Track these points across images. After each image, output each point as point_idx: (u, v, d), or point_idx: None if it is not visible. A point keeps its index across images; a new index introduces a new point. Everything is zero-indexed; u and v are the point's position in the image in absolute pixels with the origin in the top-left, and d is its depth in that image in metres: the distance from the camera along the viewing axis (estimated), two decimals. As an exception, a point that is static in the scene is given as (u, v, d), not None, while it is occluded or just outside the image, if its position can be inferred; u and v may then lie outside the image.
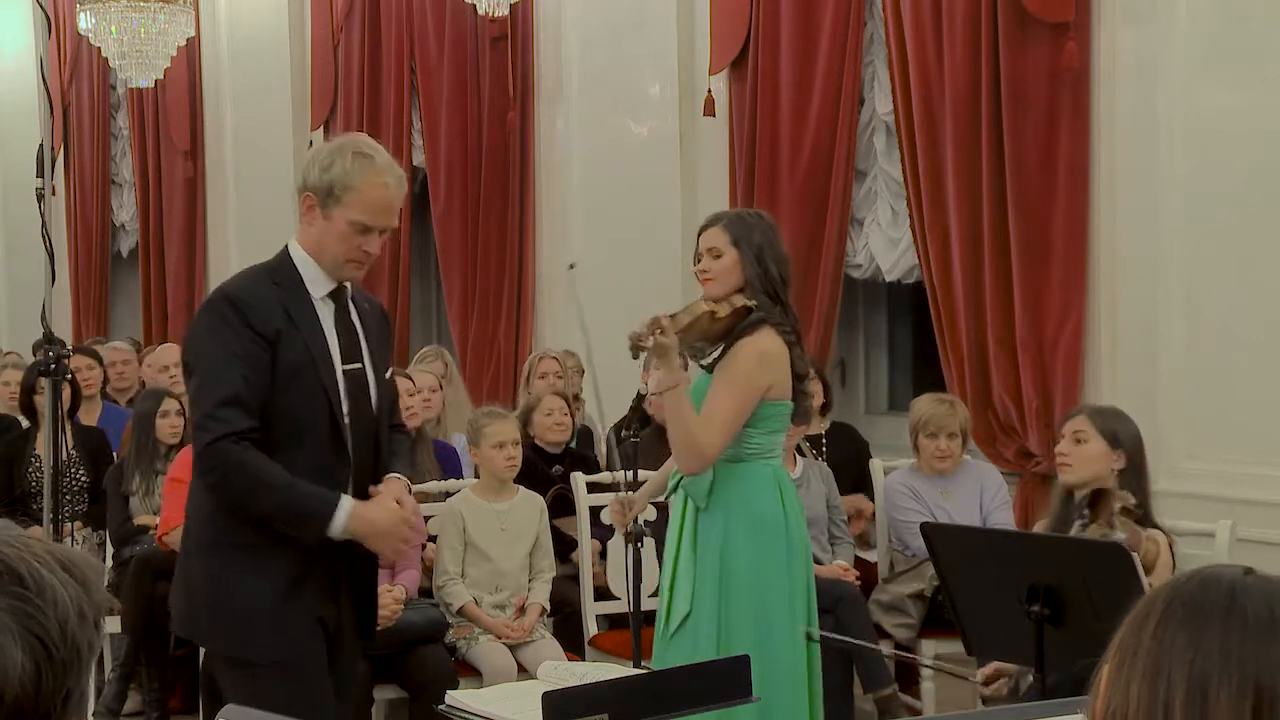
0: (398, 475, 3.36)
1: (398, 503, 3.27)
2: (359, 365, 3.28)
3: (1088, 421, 3.95)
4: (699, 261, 3.90)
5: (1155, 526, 3.92)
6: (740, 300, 3.81)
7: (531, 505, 5.02)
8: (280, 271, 3.26)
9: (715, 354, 3.83)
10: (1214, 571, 1.37)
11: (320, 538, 3.16)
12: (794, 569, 3.80)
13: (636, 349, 3.68)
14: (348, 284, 3.33)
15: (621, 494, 4.00)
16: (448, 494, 5.17)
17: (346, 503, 3.16)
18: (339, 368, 3.23)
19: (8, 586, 1.22)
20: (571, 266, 4.00)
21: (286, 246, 3.30)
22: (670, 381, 3.72)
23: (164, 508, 5.33)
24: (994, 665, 3.94)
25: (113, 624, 5.48)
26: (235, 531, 3.19)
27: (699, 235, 3.94)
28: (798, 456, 5.32)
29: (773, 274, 3.82)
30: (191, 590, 3.28)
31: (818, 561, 4.95)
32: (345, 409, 3.22)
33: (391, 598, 4.53)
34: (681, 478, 3.89)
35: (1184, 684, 1.30)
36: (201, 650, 5.26)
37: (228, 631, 3.22)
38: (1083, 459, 3.90)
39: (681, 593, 3.84)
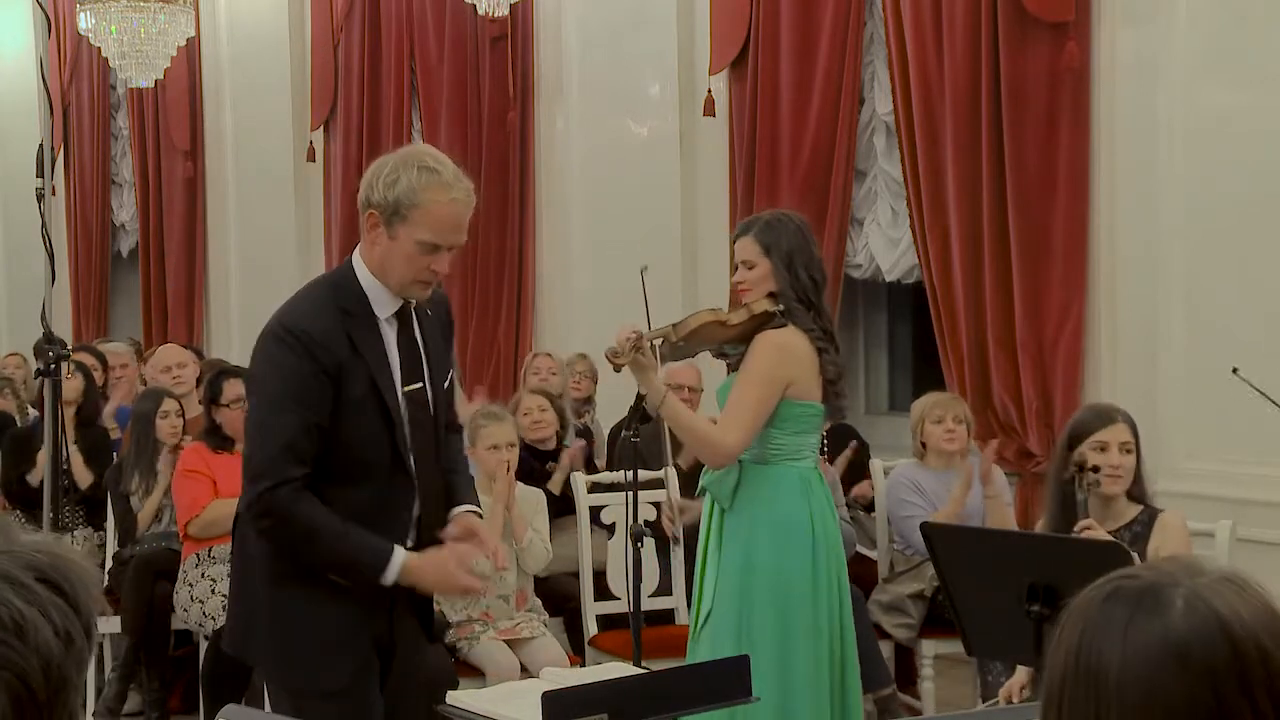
0: (471, 509, 3.25)
1: (470, 535, 3.17)
2: (420, 385, 3.16)
3: (1130, 432, 3.90)
4: (736, 271, 3.92)
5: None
6: (761, 305, 3.82)
7: (531, 501, 5.02)
8: (345, 294, 3.09)
9: (739, 354, 3.87)
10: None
11: (372, 587, 3.07)
12: (819, 573, 3.81)
13: (615, 365, 3.73)
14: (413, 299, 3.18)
15: (678, 502, 4.04)
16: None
17: (399, 557, 3.04)
18: (400, 391, 3.11)
19: None
20: (645, 270, 4.02)
21: (350, 262, 3.13)
22: (655, 399, 3.78)
23: (179, 499, 5.33)
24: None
25: (112, 624, 5.49)
26: (289, 560, 3.11)
27: (733, 244, 3.96)
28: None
29: (803, 279, 3.83)
30: (252, 616, 3.18)
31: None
32: (407, 434, 3.11)
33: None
34: (708, 478, 3.91)
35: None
36: (201, 650, 5.27)
37: (290, 662, 3.14)
38: (1129, 469, 3.87)
39: (706, 592, 3.88)
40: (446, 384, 3.27)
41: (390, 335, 3.11)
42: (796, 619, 3.77)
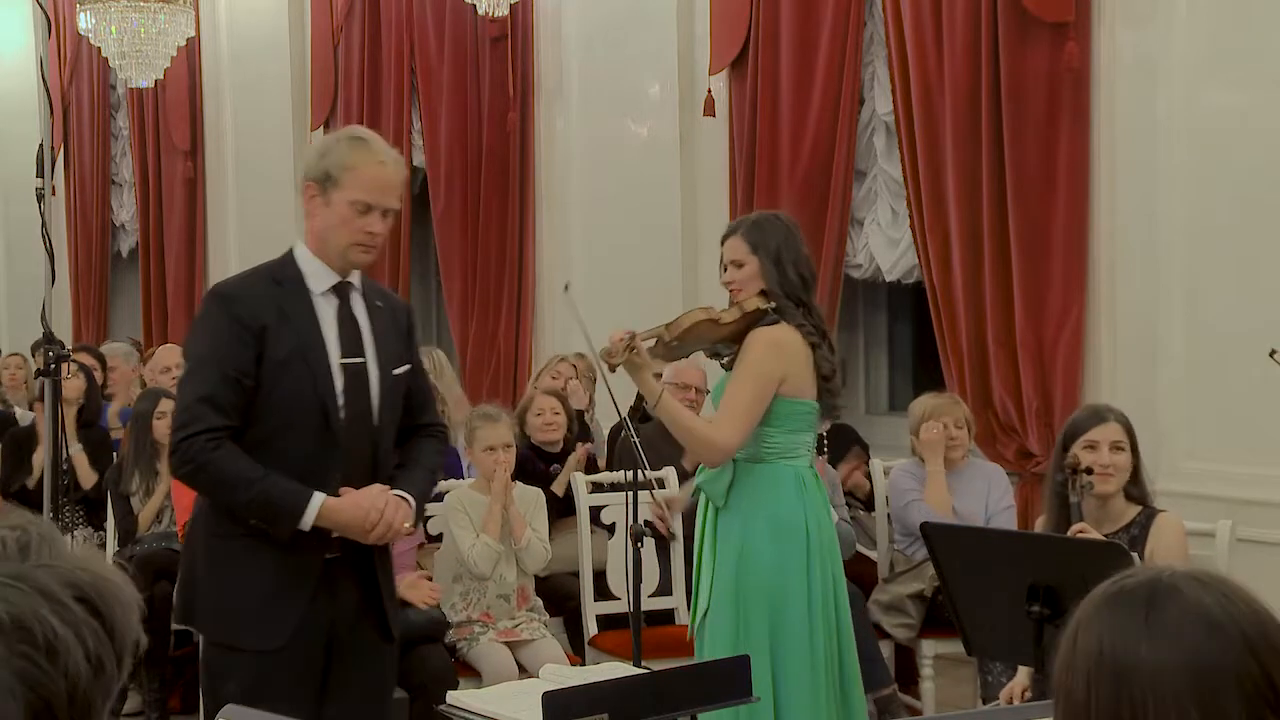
0: (404, 495, 3.33)
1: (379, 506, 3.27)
2: (360, 360, 3.29)
3: (1123, 431, 3.91)
4: (725, 271, 3.93)
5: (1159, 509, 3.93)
6: (753, 304, 3.82)
7: (529, 500, 5.01)
8: (281, 268, 3.32)
9: (733, 353, 3.87)
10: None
11: (291, 533, 3.20)
12: (814, 572, 3.81)
13: (609, 365, 3.73)
14: (355, 279, 3.34)
15: (662, 495, 4.04)
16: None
17: (318, 499, 3.20)
18: (334, 362, 3.25)
19: (15, 644, 1.12)
20: (566, 288, 4.04)
21: (292, 246, 3.35)
22: (651, 399, 3.78)
23: (178, 500, 5.34)
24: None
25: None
26: (232, 522, 3.25)
27: (722, 244, 3.97)
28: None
29: (791, 277, 3.84)
30: (190, 575, 3.34)
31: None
32: (340, 403, 3.25)
33: (428, 588, 4.64)
34: (703, 478, 3.91)
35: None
36: (201, 650, 5.27)
37: (216, 617, 3.29)
38: (1121, 468, 3.88)
39: (703, 591, 3.89)
40: (399, 372, 3.38)
41: (327, 309, 3.29)
42: (791, 617, 3.77)
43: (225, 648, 3.29)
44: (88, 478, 6.03)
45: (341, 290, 3.31)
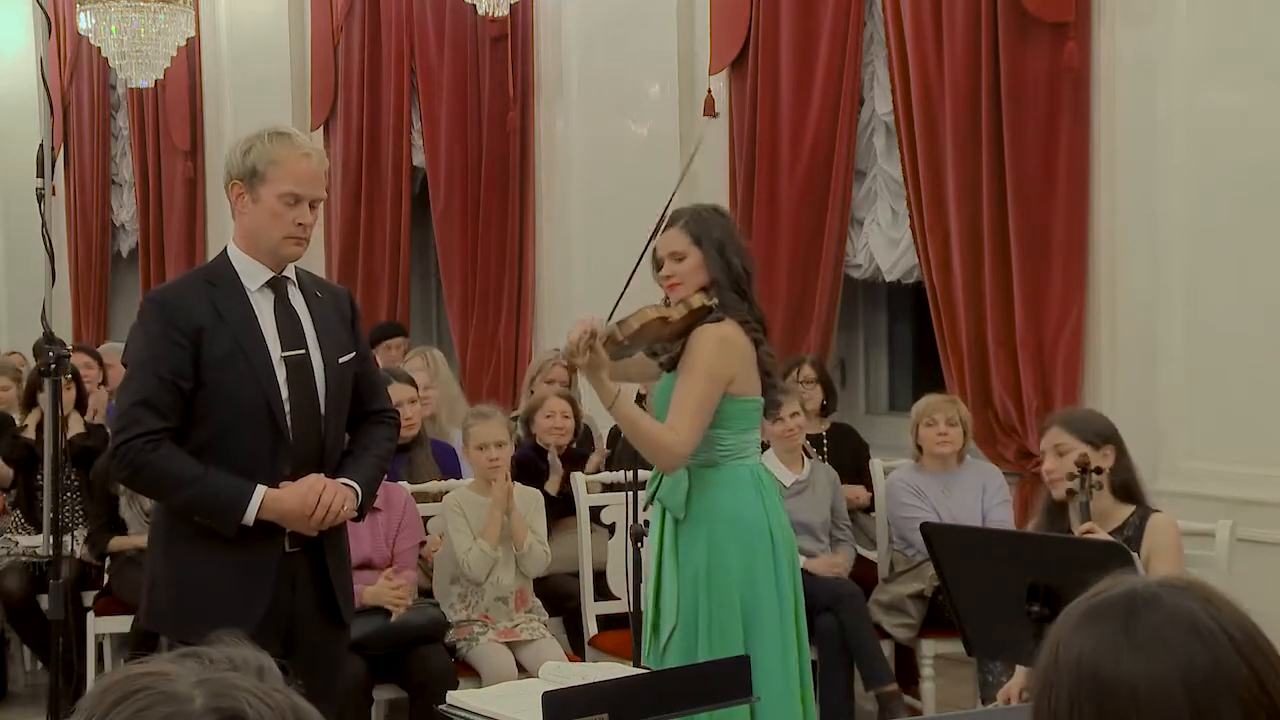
0: (349, 483, 3.36)
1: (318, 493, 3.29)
2: (302, 351, 3.32)
3: (1063, 433, 3.90)
4: (660, 268, 3.82)
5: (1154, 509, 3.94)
6: (699, 300, 3.73)
7: (528, 501, 5.01)
8: (214, 270, 3.38)
9: (674, 351, 3.77)
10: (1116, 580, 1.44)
11: (236, 527, 3.22)
12: (780, 568, 3.77)
13: (572, 365, 3.67)
14: (290, 273, 3.37)
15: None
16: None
17: (260, 491, 3.23)
18: (275, 355, 3.28)
19: None
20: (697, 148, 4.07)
21: (225, 248, 3.40)
22: (606, 400, 3.65)
23: None
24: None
25: (115, 624, 5.50)
26: (187, 523, 3.28)
27: (655, 238, 3.85)
28: (805, 458, 5.32)
29: (736, 269, 3.75)
30: (153, 578, 3.37)
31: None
32: (285, 395, 3.28)
33: (395, 591, 4.58)
34: (657, 489, 3.82)
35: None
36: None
37: (180, 618, 3.29)
38: (1066, 471, 3.87)
39: (667, 608, 3.80)
40: (344, 361, 3.39)
41: (264, 304, 3.32)
42: (763, 619, 3.72)
43: (186, 645, 3.28)
44: (75, 424, 6.02)
45: (277, 285, 3.34)
